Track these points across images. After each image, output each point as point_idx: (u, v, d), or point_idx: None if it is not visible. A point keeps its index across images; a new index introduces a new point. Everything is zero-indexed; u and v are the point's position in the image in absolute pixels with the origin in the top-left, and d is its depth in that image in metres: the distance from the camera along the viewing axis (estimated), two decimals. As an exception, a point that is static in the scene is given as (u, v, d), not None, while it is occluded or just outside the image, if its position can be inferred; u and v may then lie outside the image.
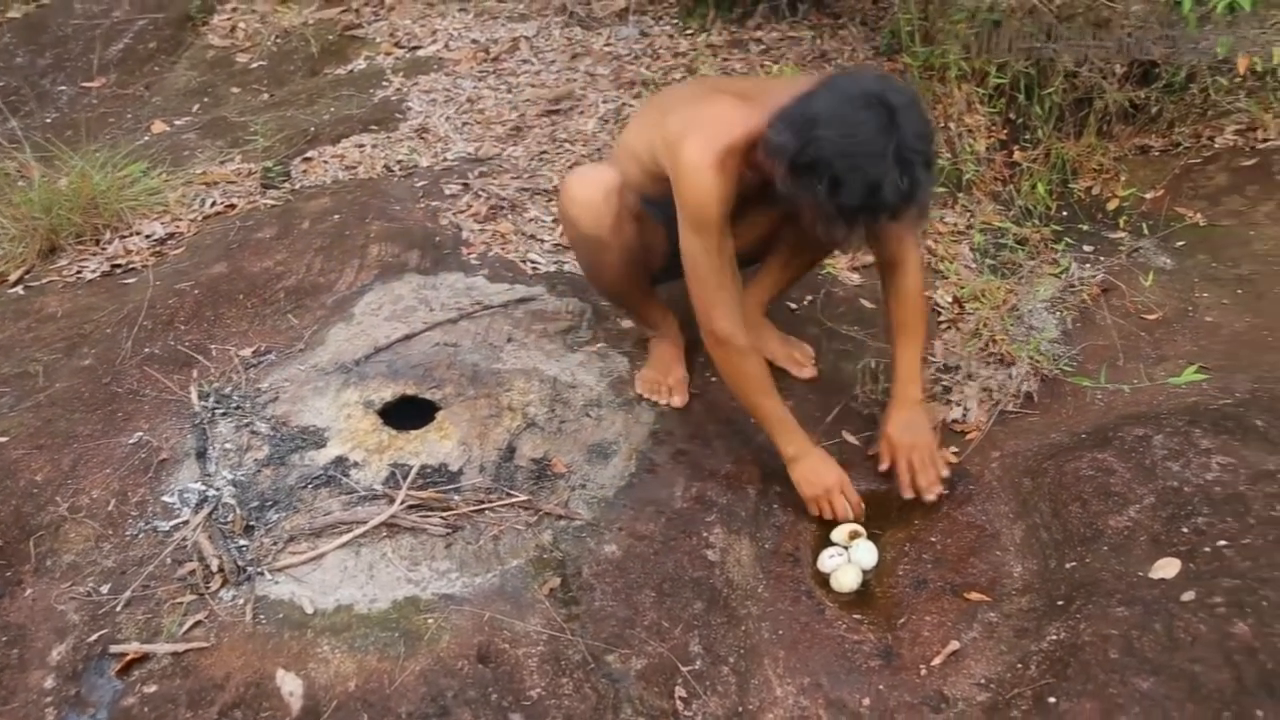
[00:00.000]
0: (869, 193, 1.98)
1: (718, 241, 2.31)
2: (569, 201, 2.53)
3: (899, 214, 2.05)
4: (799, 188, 2.06)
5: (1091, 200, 4.04)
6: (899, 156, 1.97)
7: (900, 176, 1.97)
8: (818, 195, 2.02)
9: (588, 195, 2.49)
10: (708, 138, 2.24)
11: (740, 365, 2.42)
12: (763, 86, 2.44)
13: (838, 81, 2.10)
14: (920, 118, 2.03)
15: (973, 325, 3.05)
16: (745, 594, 2.29)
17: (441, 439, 2.49)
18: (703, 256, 2.32)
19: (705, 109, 2.34)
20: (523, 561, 2.22)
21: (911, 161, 1.98)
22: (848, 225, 2.08)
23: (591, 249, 2.58)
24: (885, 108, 1.99)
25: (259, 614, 2.02)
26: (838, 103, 2.03)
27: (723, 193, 2.25)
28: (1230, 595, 1.93)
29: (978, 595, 2.26)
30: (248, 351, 2.83)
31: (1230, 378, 2.71)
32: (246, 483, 2.35)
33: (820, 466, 2.47)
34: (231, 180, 3.81)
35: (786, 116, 2.10)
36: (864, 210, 2.03)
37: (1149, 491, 2.27)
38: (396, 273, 3.18)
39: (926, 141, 2.03)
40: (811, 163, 2.02)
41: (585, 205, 2.50)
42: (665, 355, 2.76)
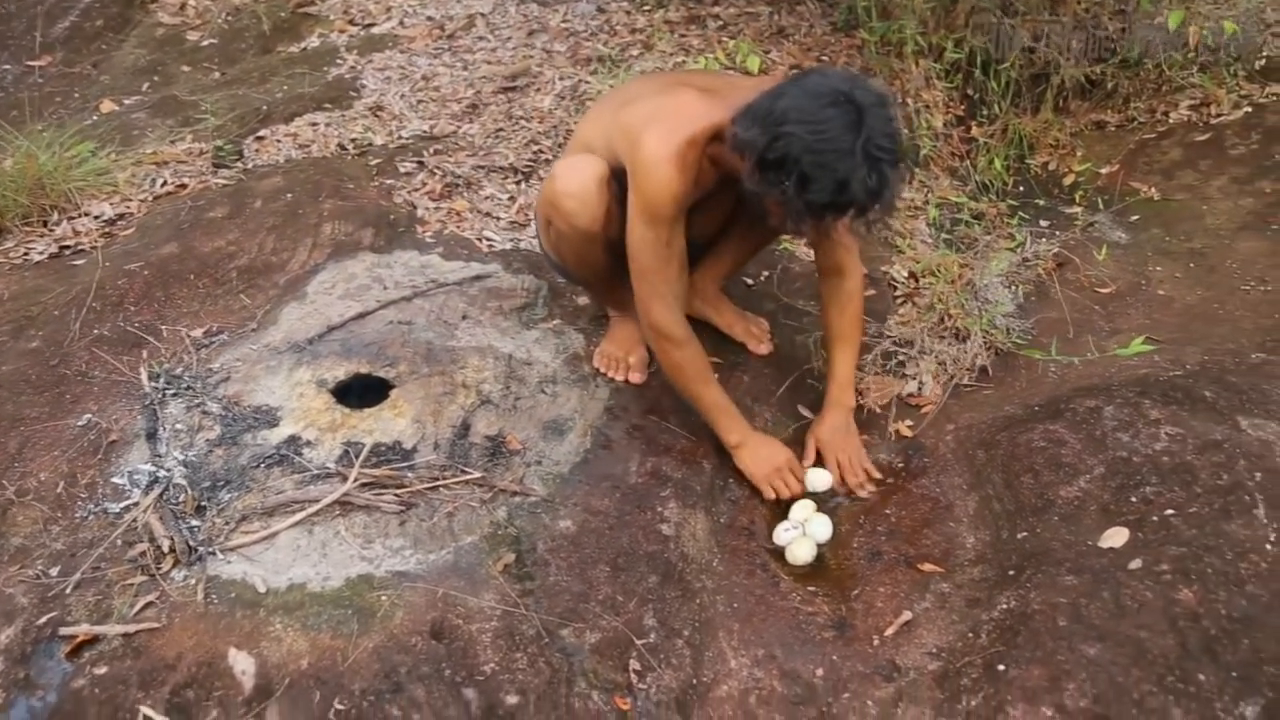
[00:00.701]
0: (837, 189, 2.00)
1: (667, 235, 2.31)
2: (561, 194, 2.45)
3: (866, 211, 2.07)
4: (766, 184, 2.07)
5: (1048, 175, 4.09)
6: (867, 154, 1.98)
7: (868, 174, 1.99)
8: (785, 192, 2.03)
9: (581, 186, 2.43)
10: (669, 130, 2.23)
11: (678, 356, 2.45)
12: (727, 82, 2.43)
13: (806, 79, 2.10)
14: (888, 117, 2.04)
15: (928, 300, 3.07)
16: (700, 568, 2.31)
17: (395, 417, 2.50)
18: (650, 249, 2.33)
19: (667, 100, 2.33)
20: (477, 538, 2.23)
21: (879, 159, 1.99)
22: (815, 221, 2.10)
23: (581, 242, 2.52)
24: (853, 106, 1.99)
25: (211, 594, 2.02)
26: (805, 99, 2.03)
27: (680, 188, 2.25)
28: (1176, 563, 1.97)
29: (931, 566, 2.29)
30: (199, 332, 2.81)
31: (1181, 350, 2.75)
32: (198, 463, 2.35)
33: (765, 449, 2.51)
34: (182, 160, 3.77)
35: (753, 112, 2.10)
36: (832, 207, 2.04)
37: (1099, 462, 2.31)
38: (350, 251, 3.16)
39: (895, 140, 2.04)
40: (779, 159, 2.02)
41: (580, 198, 2.43)
42: (627, 333, 2.77)
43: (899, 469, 2.60)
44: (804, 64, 4.25)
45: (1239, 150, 3.81)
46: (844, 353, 2.61)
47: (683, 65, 4.19)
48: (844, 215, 2.08)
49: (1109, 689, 1.77)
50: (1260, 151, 3.76)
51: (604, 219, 2.46)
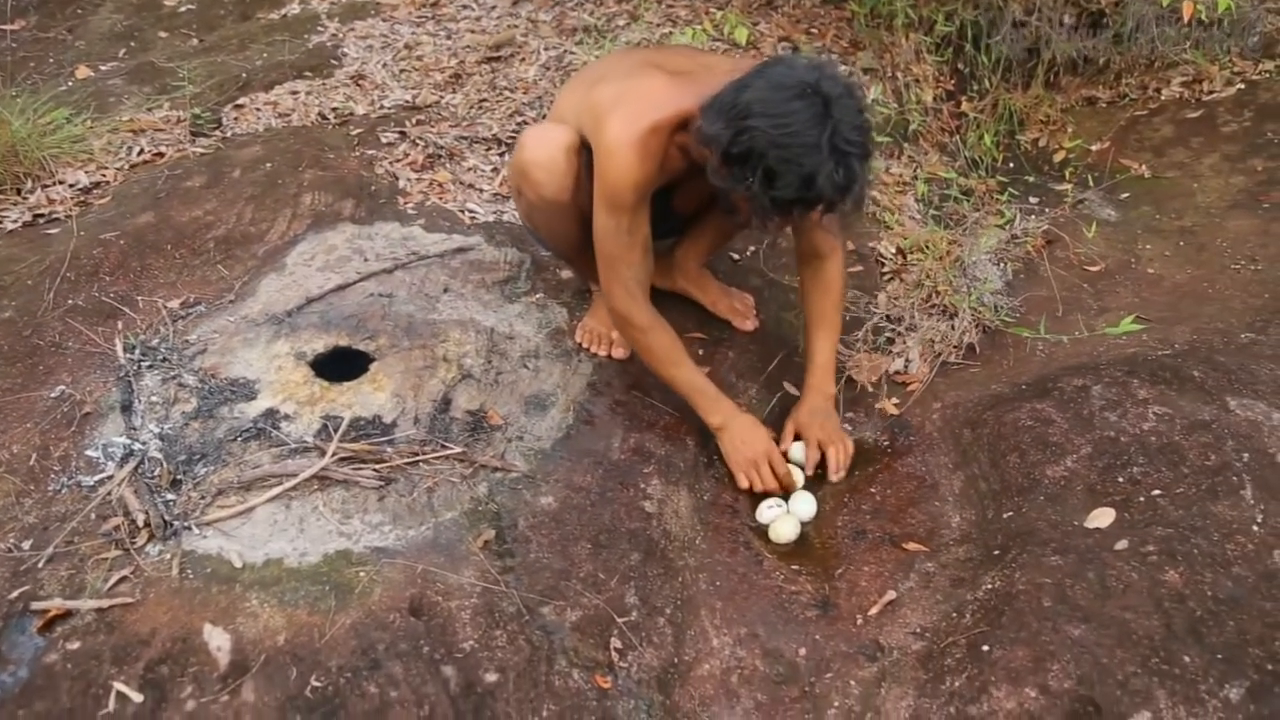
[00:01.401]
0: (804, 185, 1.97)
1: (629, 222, 2.29)
2: (529, 164, 2.44)
3: (834, 206, 2.04)
4: (732, 179, 2.04)
5: (1038, 152, 4.08)
6: (834, 148, 1.95)
7: (836, 169, 1.95)
8: (751, 187, 2.00)
9: (549, 155, 2.41)
10: (634, 115, 2.20)
11: (644, 342, 2.44)
12: (702, 64, 2.38)
13: (771, 69, 2.05)
14: (856, 108, 2.00)
15: (916, 276, 3.07)
16: (683, 545, 2.31)
17: (375, 391, 2.48)
18: (612, 236, 2.32)
19: (635, 84, 2.29)
20: (457, 514, 2.22)
21: (847, 153, 1.96)
22: (782, 216, 2.07)
23: (551, 212, 2.52)
24: (819, 97, 1.96)
25: (186, 569, 2.01)
26: (770, 91, 1.99)
27: (642, 176, 2.23)
28: (1162, 544, 1.97)
29: (915, 545, 2.29)
30: (175, 303, 2.78)
31: (1170, 329, 2.75)
32: (173, 436, 2.33)
33: (748, 436, 2.48)
34: (159, 128, 3.73)
35: (718, 105, 2.06)
36: (799, 203, 2.01)
37: (1086, 442, 2.31)
38: (330, 222, 3.14)
39: (863, 133, 2.01)
40: (744, 154, 1.99)
41: (547, 167, 2.42)
42: None
43: (885, 447, 2.59)
44: (793, 36, 4.22)
45: (1231, 128, 3.81)
46: (825, 338, 2.59)
47: (669, 36, 4.16)
48: (811, 211, 2.06)
49: (1093, 670, 1.77)
50: (1252, 129, 3.76)
51: (573, 189, 2.44)
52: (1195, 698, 1.69)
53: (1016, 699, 1.78)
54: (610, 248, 2.33)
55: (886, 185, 3.60)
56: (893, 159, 3.76)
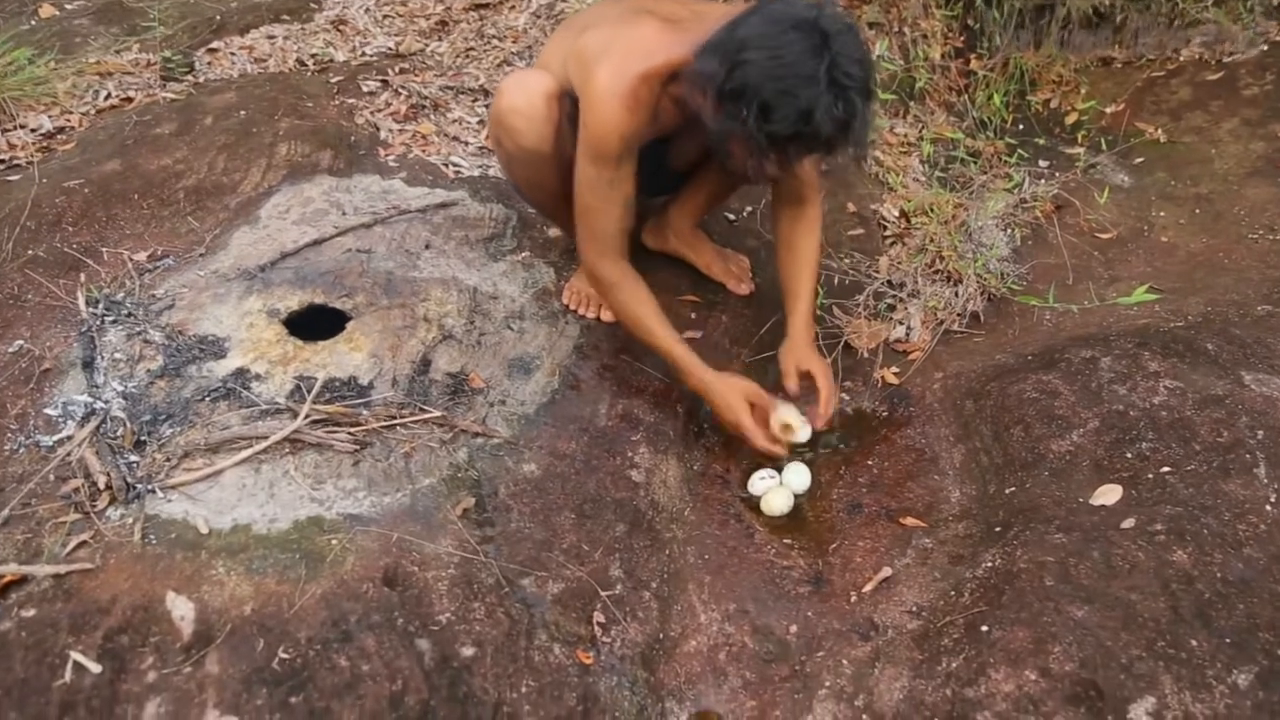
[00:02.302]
0: (801, 119, 1.91)
1: (612, 175, 2.26)
2: (507, 111, 2.42)
3: (834, 146, 1.99)
4: (727, 118, 1.98)
5: (1049, 113, 4.04)
6: (832, 80, 1.89)
7: (835, 102, 1.90)
8: (746, 125, 1.95)
9: (528, 102, 2.39)
10: (623, 64, 2.17)
11: (615, 299, 2.41)
12: (695, 11, 2.32)
13: (767, 6, 2.00)
14: (857, 44, 1.95)
15: (919, 241, 3.05)
16: (670, 516, 2.30)
17: (351, 351, 2.46)
18: (591, 187, 2.28)
19: (627, 31, 2.25)
20: (435, 480, 2.20)
21: (846, 87, 1.90)
22: (779, 158, 2.01)
23: (532, 163, 2.50)
24: (818, 31, 1.91)
25: (149, 534, 1.99)
26: (766, 25, 1.95)
27: (629, 127, 2.19)
28: (1171, 523, 1.96)
29: (913, 520, 2.28)
30: (142, 255, 2.76)
31: (1183, 300, 2.74)
32: (138, 395, 2.30)
33: (725, 398, 2.41)
34: (128, 71, 3.69)
35: (711, 44, 2.02)
36: (796, 140, 1.96)
37: (1093, 415, 2.29)
38: (307, 174, 3.11)
39: (864, 68, 1.95)
40: (739, 89, 1.94)
41: (526, 115, 2.40)
42: None
43: (883, 417, 2.58)
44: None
45: (1252, 91, 3.78)
46: (806, 285, 2.54)
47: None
48: (810, 151, 2.01)
49: (1096, 653, 1.76)
50: (1274, 92, 3.72)
51: (553, 138, 2.41)
52: (1202, 683, 1.68)
53: (1015, 681, 1.77)
54: (588, 199, 2.30)
55: (890, 146, 3.57)
56: (897, 118, 3.73)
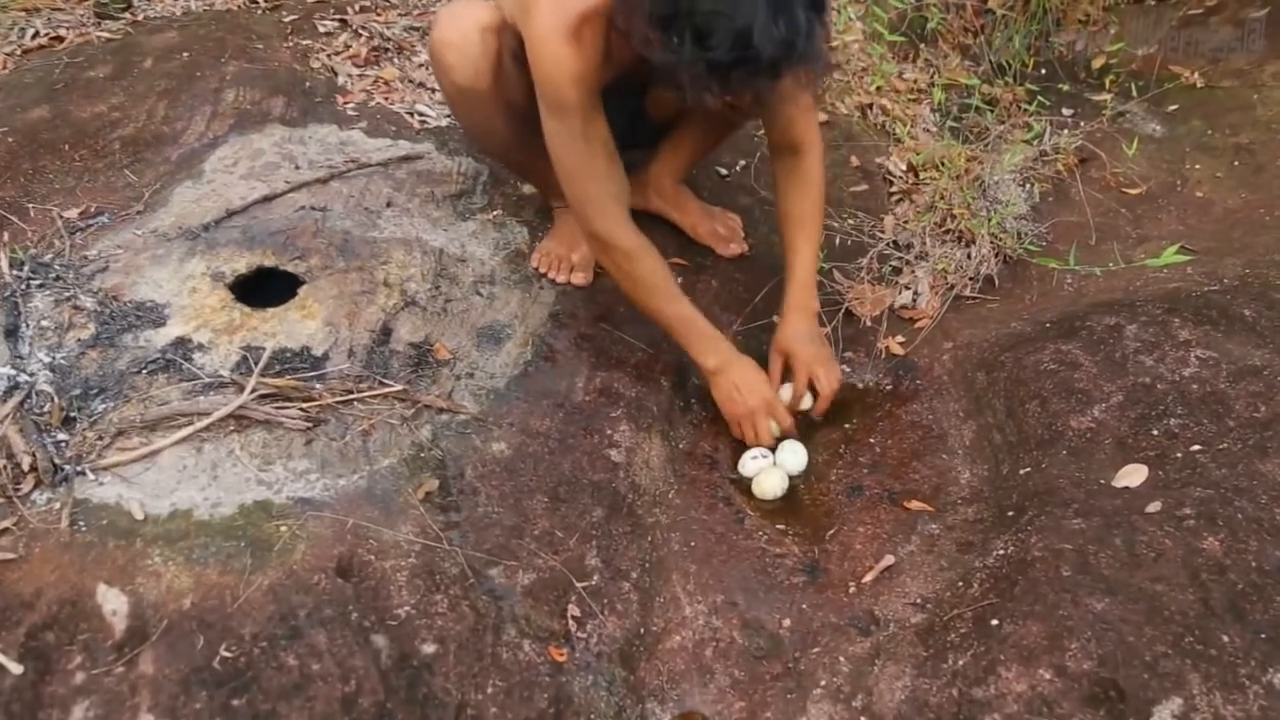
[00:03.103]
0: (738, 42, 1.86)
1: (580, 125, 2.22)
2: (441, 45, 2.42)
3: (780, 69, 1.93)
4: (662, 48, 1.93)
5: (1074, 56, 4.03)
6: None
7: (774, 19, 1.85)
8: (683, 53, 1.91)
9: (461, 34, 2.38)
10: (561, 2, 2.13)
11: (629, 270, 2.38)
12: None
13: None
14: None
15: (928, 197, 3.04)
16: (653, 500, 2.29)
17: (304, 318, 2.45)
18: (564, 144, 2.25)
19: None
20: (395, 461, 2.19)
21: (788, 2, 1.86)
22: (722, 85, 1.95)
23: (472, 104, 2.49)
24: None
25: (78, 520, 1.97)
26: None
27: (579, 68, 2.15)
28: (1201, 507, 1.95)
29: (919, 504, 2.28)
30: (73, 212, 2.74)
31: (1219, 261, 2.73)
32: (67, 367, 2.29)
33: (747, 382, 2.43)
34: (59, 7, 3.66)
35: None
36: (739, 66, 1.90)
37: (1117, 389, 2.29)
38: (257, 123, 3.09)
39: None
40: (671, 14, 1.89)
41: (459, 48, 2.38)
42: (572, 227, 2.71)
43: (887, 391, 2.58)
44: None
45: (1300, 30, 3.78)
46: (806, 245, 2.52)
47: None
48: (756, 76, 1.94)
49: (1117, 649, 1.76)
50: (1323, 32, 3.72)
51: (491, 75, 2.40)
52: (1234, 683, 1.68)
53: (1028, 681, 1.77)
54: (569, 161, 2.28)
55: (899, 93, 3.56)
56: (906, 63, 3.71)
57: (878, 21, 3.53)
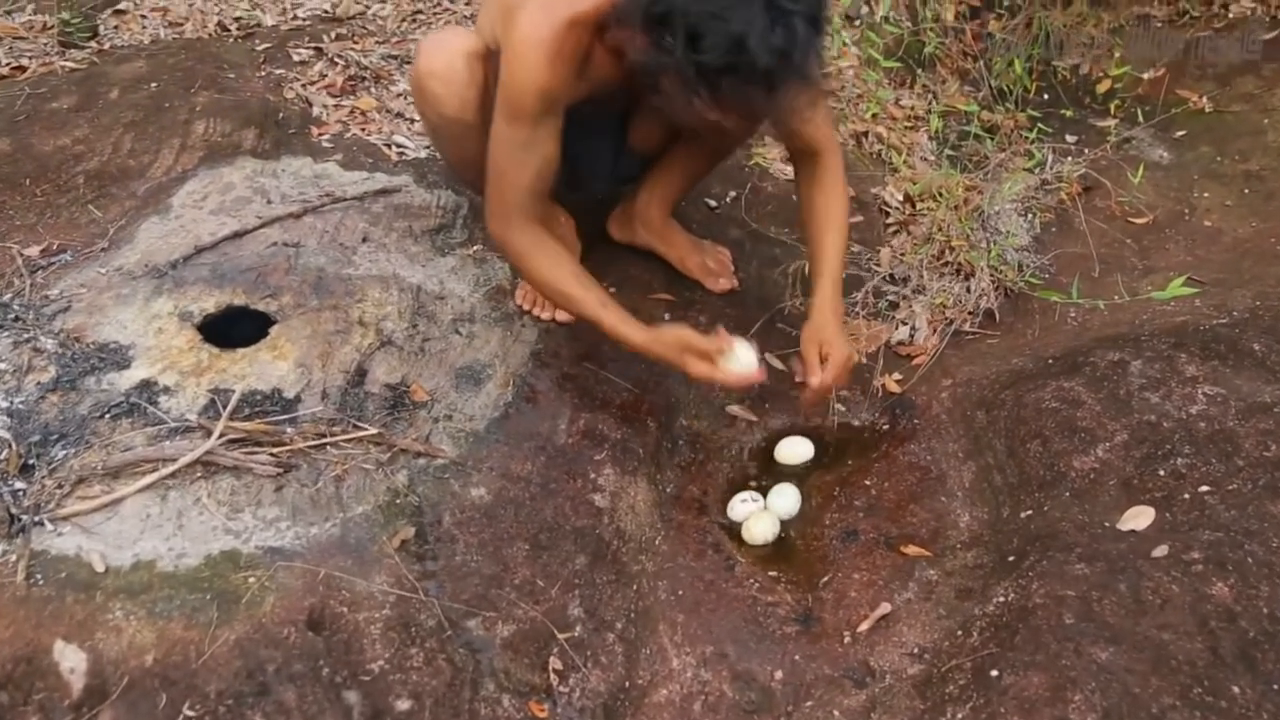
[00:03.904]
0: (733, 47, 1.89)
1: (528, 136, 2.24)
2: (425, 76, 2.45)
3: (776, 81, 1.95)
4: (653, 50, 1.97)
5: (1078, 81, 4.06)
6: (769, 2, 1.88)
7: (772, 27, 1.88)
8: (674, 56, 1.93)
9: (446, 63, 2.41)
10: (547, 9, 2.14)
11: (532, 271, 2.40)
12: None
13: None
14: None
15: (926, 229, 3.05)
16: (639, 547, 2.30)
17: (275, 359, 2.45)
18: (504, 147, 2.27)
19: None
20: (370, 508, 2.19)
21: (787, 11, 1.89)
22: (713, 95, 1.97)
23: (457, 135, 2.51)
24: None
25: (35, 573, 1.96)
26: None
27: (550, 80, 2.17)
28: (1210, 551, 1.95)
29: (916, 549, 2.28)
30: (34, 250, 2.74)
31: (1228, 293, 2.74)
32: (26, 411, 2.29)
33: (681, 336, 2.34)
34: (20, 35, 3.68)
35: None
36: (730, 72, 1.93)
37: (1122, 427, 2.30)
38: (227, 156, 3.10)
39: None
40: (665, 14, 1.92)
41: (444, 78, 2.42)
42: None
43: (883, 431, 2.58)
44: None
45: (1310, 52, 3.81)
46: (833, 243, 2.49)
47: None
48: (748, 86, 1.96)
49: (1122, 701, 1.76)
50: (1337, 54, 3.75)
51: (477, 105, 2.42)
52: (1243, 735, 1.69)
53: (1029, 734, 1.77)
54: (500, 160, 2.30)
55: (895, 120, 3.57)
56: (903, 89, 3.74)
57: (873, 47, 3.55)
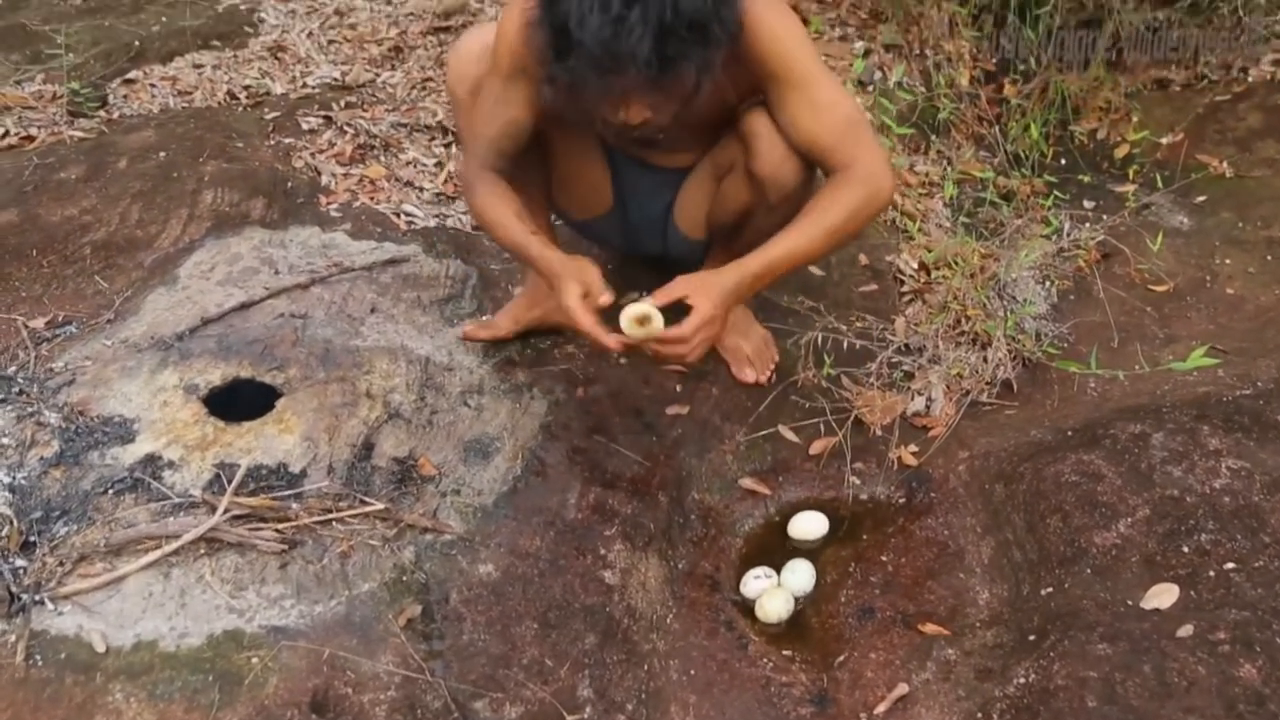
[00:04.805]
0: (569, 24, 1.90)
1: (499, 91, 2.33)
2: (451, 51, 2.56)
3: (608, 70, 1.93)
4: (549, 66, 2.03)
5: (1095, 146, 4.08)
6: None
7: (603, 9, 1.87)
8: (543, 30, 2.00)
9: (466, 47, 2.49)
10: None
11: (473, 202, 2.50)
12: None
13: None
14: None
15: (941, 297, 3.05)
16: (650, 625, 2.28)
17: (281, 433, 2.45)
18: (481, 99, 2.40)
19: None
20: (376, 585, 2.19)
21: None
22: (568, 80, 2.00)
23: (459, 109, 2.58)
24: None
25: (35, 654, 1.96)
26: None
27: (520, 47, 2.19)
28: (1237, 630, 1.94)
29: (934, 628, 2.26)
30: (40, 322, 2.76)
31: (1251, 363, 2.74)
32: (28, 487, 2.29)
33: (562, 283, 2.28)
34: (30, 105, 3.72)
35: None
36: (562, 53, 1.95)
37: (1144, 502, 2.29)
38: (235, 226, 3.13)
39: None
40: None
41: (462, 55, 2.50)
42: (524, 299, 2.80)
43: (899, 505, 2.57)
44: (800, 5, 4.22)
45: (1333, 117, 3.82)
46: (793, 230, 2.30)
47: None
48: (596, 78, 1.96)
49: (1146, 787, 1.74)
50: (1359, 118, 3.77)
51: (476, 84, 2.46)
52: (1270, 824, 1.67)
53: (1051, 822, 1.75)
54: (477, 108, 2.43)
55: (909, 187, 3.59)
56: (917, 155, 3.75)
57: (886, 114, 3.57)
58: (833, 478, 2.60)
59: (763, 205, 2.48)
